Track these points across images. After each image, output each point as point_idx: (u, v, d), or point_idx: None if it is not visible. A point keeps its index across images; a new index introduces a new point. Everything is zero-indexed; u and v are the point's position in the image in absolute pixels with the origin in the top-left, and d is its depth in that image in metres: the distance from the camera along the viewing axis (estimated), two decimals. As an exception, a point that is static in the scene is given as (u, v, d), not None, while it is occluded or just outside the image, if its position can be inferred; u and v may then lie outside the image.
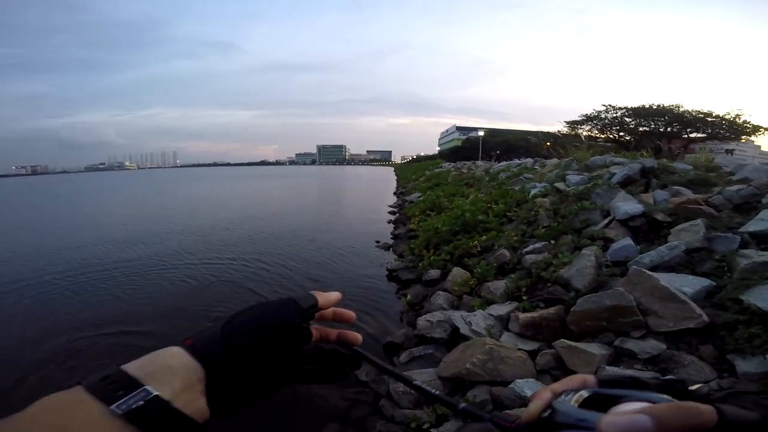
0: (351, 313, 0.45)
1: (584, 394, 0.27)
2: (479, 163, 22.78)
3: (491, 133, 47.31)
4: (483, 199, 6.93)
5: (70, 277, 5.76)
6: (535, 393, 0.31)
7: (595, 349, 2.32)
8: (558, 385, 0.31)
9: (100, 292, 5.09)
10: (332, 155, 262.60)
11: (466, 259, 4.66)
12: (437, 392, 0.41)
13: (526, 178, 8.31)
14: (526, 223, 4.90)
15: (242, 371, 0.33)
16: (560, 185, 5.61)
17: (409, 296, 4.36)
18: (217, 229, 9.69)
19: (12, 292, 5.21)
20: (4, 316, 4.47)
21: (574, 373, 0.87)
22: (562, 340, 2.45)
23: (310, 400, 2.73)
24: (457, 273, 4.23)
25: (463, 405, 0.37)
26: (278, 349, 0.36)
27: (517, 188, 7.10)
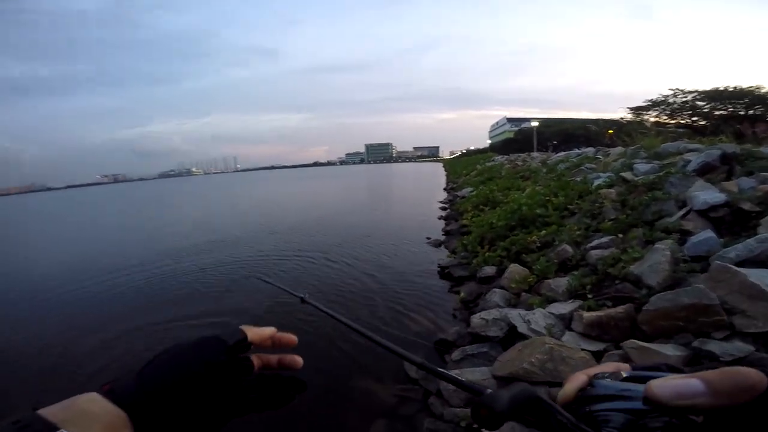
0: (292, 337, 0.44)
1: (622, 374, 0.27)
2: (535, 154, 21.74)
3: (546, 123, 44.64)
4: (541, 192, 6.64)
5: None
6: (570, 376, 0.31)
7: (670, 350, 2.17)
8: (592, 369, 0.30)
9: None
10: (380, 153, 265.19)
11: (524, 255, 4.52)
12: (462, 378, 0.38)
13: (587, 168, 7.82)
14: (590, 216, 4.64)
15: (169, 414, 0.32)
16: (627, 175, 5.22)
17: (462, 293, 4.31)
18: (282, 228, 10.33)
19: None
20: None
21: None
22: (631, 340, 2.31)
23: (357, 396, 2.79)
24: (515, 270, 4.12)
25: (489, 391, 0.33)
26: (205, 388, 0.35)
27: (578, 179, 6.71)
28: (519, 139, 44.97)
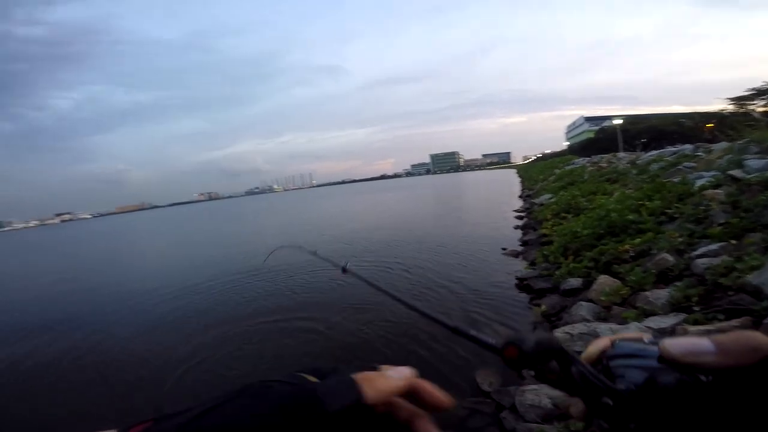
0: (442, 397, 0.30)
1: (644, 339, 0.28)
2: (621, 154, 19.79)
3: (631, 120, 40.18)
4: (632, 196, 6.10)
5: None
6: (595, 340, 0.31)
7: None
8: (616, 336, 0.31)
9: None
10: (446, 163, 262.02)
11: (615, 265, 4.20)
12: (473, 332, 0.36)
13: (686, 167, 6.98)
14: (694, 221, 4.16)
15: None
16: (737, 173, 4.59)
17: (543, 306, 4.13)
18: (357, 239, 10.88)
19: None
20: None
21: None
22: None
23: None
24: (605, 281, 3.85)
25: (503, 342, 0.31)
26: None
27: (676, 180, 6.02)
28: (600, 138, 41.15)
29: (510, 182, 31.40)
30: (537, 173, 26.60)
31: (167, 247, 17.96)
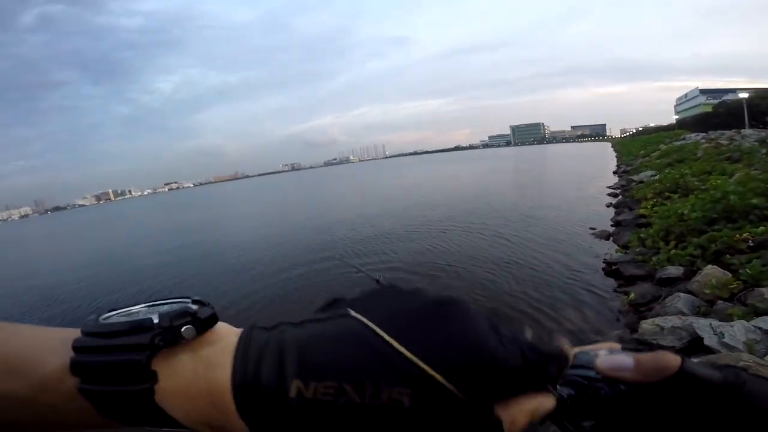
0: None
1: (604, 352, 0.29)
2: (747, 131, 16.61)
3: (760, 94, 32.69)
4: (759, 178, 5.23)
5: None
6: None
7: None
8: (588, 347, 0.32)
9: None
10: (529, 134, 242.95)
11: (727, 255, 3.74)
12: None
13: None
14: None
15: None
16: None
17: (632, 294, 3.82)
18: (439, 208, 11.04)
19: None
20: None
21: None
22: None
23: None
24: (711, 272, 3.46)
25: None
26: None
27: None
28: (720, 113, 34.49)
29: (603, 156, 28.32)
30: (637, 148, 23.67)
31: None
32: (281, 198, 29.42)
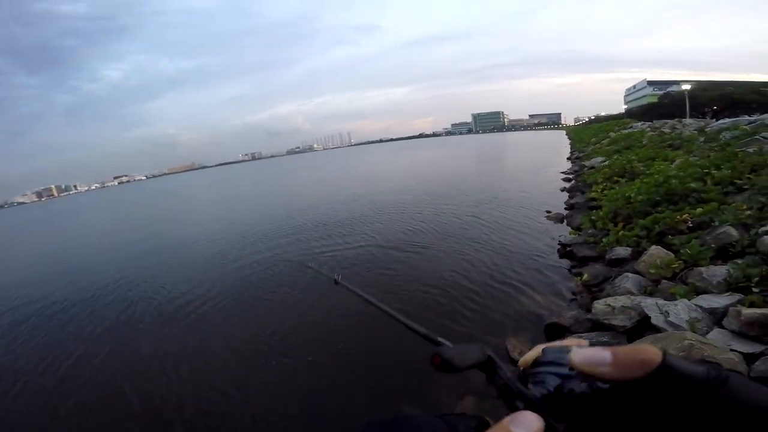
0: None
1: (574, 348, 0.29)
2: (688, 121, 18.00)
3: (701, 86, 35.66)
4: (697, 164, 5.58)
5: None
6: (534, 347, 0.33)
7: None
8: (556, 343, 0.32)
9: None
10: (489, 122, 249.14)
11: (669, 236, 3.95)
12: (421, 329, 0.45)
13: (765, 137, 6.22)
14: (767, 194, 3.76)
15: None
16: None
17: (585, 275, 3.98)
18: (406, 194, 10.83)
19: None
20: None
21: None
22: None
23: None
24: (656, 253, 3.64)
25: (447, 344, 0.38)
26: None
27: (751, 150, 5.40)
28: (664, 103, 37.30)
29: (558, 143, 29.62)
30: (589, 136, 24.92)
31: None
32: (238, 187, 28.23)
